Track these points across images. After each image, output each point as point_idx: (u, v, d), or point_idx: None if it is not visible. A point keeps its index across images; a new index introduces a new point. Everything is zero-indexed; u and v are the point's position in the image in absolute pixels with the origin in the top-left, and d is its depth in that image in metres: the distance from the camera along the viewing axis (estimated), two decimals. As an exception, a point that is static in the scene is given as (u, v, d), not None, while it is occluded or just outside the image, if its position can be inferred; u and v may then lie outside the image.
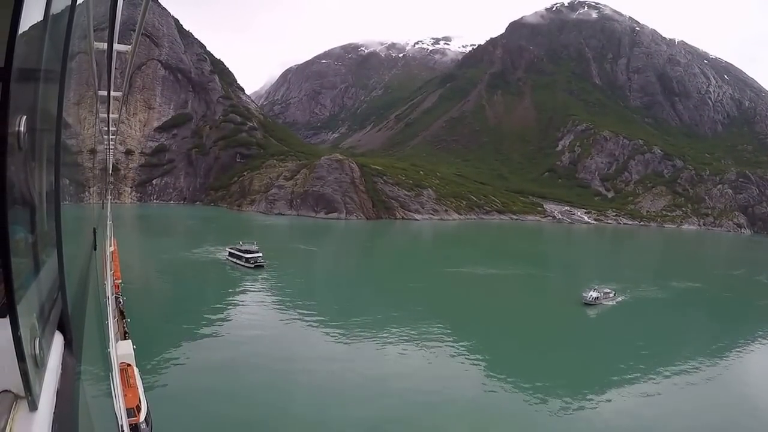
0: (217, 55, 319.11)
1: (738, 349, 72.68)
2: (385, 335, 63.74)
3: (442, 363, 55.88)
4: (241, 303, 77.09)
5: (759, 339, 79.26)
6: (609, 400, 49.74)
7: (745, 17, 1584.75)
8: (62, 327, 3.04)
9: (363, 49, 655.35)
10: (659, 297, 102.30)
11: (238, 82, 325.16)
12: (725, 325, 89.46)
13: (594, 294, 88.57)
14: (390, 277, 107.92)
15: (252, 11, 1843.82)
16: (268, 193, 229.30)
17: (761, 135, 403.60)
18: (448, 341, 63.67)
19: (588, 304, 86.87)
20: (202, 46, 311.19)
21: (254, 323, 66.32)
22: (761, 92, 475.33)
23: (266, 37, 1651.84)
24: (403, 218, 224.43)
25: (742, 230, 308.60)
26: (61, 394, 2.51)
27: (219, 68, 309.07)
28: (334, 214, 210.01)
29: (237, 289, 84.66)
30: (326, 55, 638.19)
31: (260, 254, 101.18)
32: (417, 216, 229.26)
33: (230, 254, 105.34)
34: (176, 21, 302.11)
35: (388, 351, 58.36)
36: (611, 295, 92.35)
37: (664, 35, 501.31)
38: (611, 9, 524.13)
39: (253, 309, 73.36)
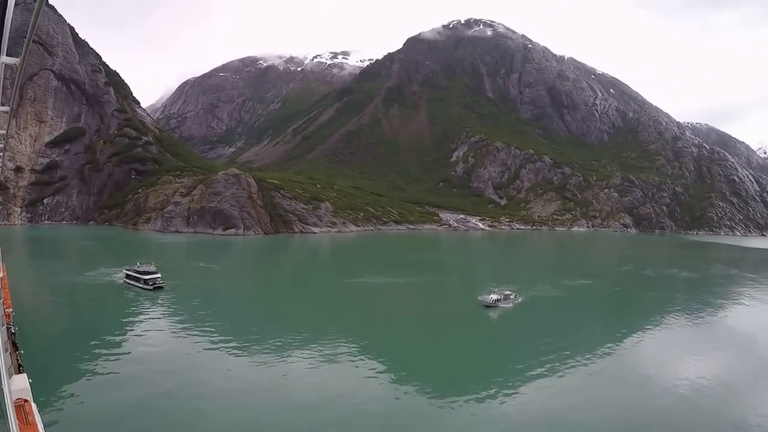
0: (112, 66, 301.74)
1: (629, 338, 75.63)
2: (290, 351, 60.54)
3: (349, 373, 54.13)
4: (141, 328, 70.08)
5: (648, 327, 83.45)
6: (515, 396, 50.32)
7: (630, 35, 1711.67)
8: None
9: (261, 62, 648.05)
10: (556, 295, 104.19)
11: (134, 94, 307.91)
12: (617, 318, 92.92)
13: (494, 296, 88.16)
14: (291, 292, 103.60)
15: (149, 20, 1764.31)
16: (164, 210, 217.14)
17: (644, 143, 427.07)
18: (353, 351, 61.71)
19: (488, 306, 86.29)
20: (98, 57, 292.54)
21: (156, 348, 60.67)
22: (644, 104, 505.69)
23: (163, 48, 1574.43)
24: (301, 232, 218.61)
25: (628, 230, 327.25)
26: None
27: (114, 80, 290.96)
28: (232, 230, 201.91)
29: (136, 314, 77.58)
30: (224, 68, 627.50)
31: (159, 275, 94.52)
32: (315, 229, 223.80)
33: (127, 276, 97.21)
34: (72, 29, 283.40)
35: (295, 366, 55.59)
36: (511, 296, 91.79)
37: (554, 52, 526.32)
38: (505, 27, 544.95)
39: (155, 334, 66.95)
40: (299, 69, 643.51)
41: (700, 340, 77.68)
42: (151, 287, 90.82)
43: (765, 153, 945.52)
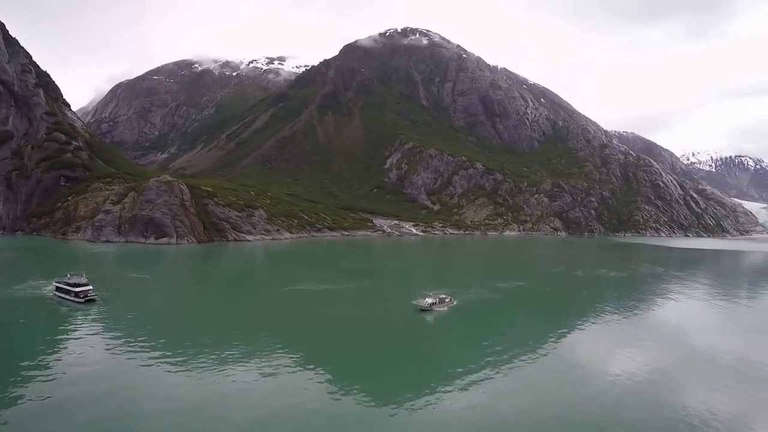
0: (42, 67, 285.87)
1: (565, 337, 78.75)
2: (230, 365, 58.68)
3: (290, 386, 53.24)
4: (73, 345, 65.86)
5: (581, 325, 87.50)
6: (459, 398, 51.07)
7: (562, 49, 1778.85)
8: None
9: (197, 66, 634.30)
10: (490, 297, 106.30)
11: (64, 97, 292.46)
12: (551, 317, 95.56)
13: (429, 300, 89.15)
14: (227, 302, 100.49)
15: (81, 19, 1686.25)
16: (94, 219, 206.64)
17: (573, 150, 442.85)
18: (293, 362, 60.84)
19: (424, 310, 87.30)
20: (28, 56, 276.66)
21: (90, 368, 57.42)
22: (573, 113, 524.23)
23: (96, 49, 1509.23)
24: (235, 240, 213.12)
25: (558, 233, 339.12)
26: None
27: (44, 81, 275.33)
28: (165, 239, 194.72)
29: (68, 330, 73.32)
30: (158, 71, 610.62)
31: (90, 287, 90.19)
32: (249, 237, 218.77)
33: (57, 289, 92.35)
34: (2, 25, 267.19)
35: (235, 381, 53.76)
36: (446, 300, 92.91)
37: (488, 62, 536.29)
38: (441, 37, 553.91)
39: (88, 351, 63.05)
40: (234, 74, 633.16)
41: (633, 334, 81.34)
42: (83, 300, 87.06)
43: (688, 159, 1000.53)
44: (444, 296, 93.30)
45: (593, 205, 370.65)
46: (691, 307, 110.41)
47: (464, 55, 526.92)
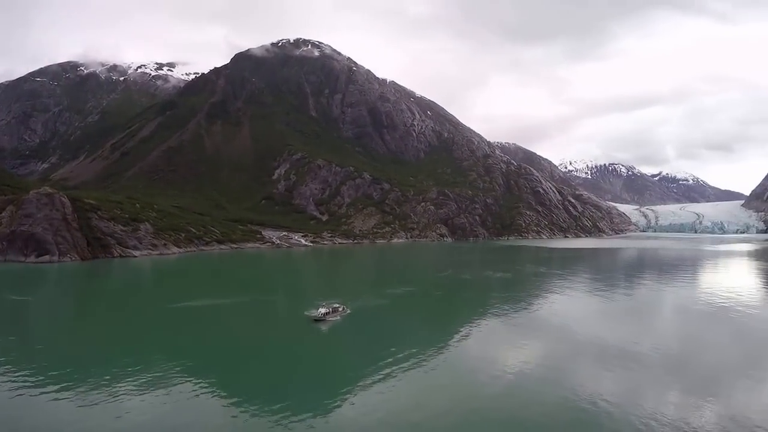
0: None
1: (460, 338, 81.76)
2: (125, 393, 55.44)
3: (193, 409, 51.65)
4: None
5: (473, 324, 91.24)
6: (361, 405, 51.92)
7: (448, 64, 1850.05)
8: None
9: (82, 68, 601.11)
10: (382, 304, 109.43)
11: None
12: (443, 319, 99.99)
13: (322, 310, 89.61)
14: (115, 324, 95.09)
15: None
16: None
17: (458, 160, 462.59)
18: (192, 384, 58.64)
19: (317, 320, 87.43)
20: None
21: None
22: (459, 126, 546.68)
23: None
24: (120, 256, 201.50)
25: (445, 239, 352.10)
26: None
27: None
28: (47, 257, 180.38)
29: None
30: (42, 72, 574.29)
31: None
32: (135, 252, 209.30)
33: None
34: None
35: (130, 409, 51.23)
36: (339, 309, 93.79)
37: (377, 75, 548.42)
38: (332, 49, 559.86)
39: None
40: (122, 78, 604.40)
41: (527, 329, 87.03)
42: None
43: (566, 168, 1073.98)
44: (337, 305, 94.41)
45: (478, 212, 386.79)
46: (576, 299, 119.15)
47: (354, 68, 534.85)
